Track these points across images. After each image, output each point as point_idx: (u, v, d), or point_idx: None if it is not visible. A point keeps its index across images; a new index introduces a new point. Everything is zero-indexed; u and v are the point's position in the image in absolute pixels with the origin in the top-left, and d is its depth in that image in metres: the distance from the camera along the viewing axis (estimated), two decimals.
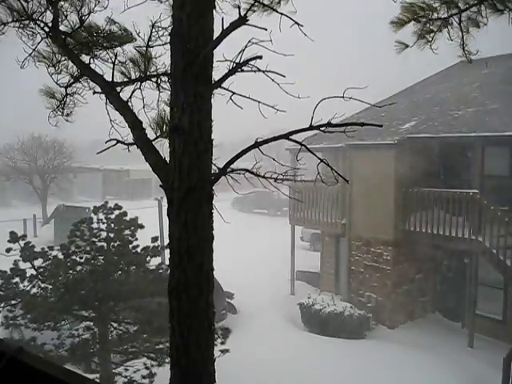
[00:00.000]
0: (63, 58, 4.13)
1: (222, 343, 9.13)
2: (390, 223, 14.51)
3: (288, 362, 11.64)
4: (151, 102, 4.08)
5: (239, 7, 2.65)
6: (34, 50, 3.99)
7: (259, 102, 3.14)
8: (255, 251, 22.62)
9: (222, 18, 2.81)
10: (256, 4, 2.70)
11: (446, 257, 15.18)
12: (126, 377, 8.93)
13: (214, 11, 3.00)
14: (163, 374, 7.07)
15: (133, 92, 4.00)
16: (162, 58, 3.85)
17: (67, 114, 4.39)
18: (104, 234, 9.62)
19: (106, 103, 3.89)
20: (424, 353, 12.24)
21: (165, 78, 4.04)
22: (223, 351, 8.43)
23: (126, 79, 4.05)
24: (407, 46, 4.26)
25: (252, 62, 3.01)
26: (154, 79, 4.11)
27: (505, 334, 12.55)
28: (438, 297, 15.42)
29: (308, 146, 3.56)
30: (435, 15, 4.10)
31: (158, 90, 4.04)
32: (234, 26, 2.79)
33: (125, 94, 4.00)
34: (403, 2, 4.02)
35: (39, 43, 3.99)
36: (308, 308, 14.63)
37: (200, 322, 3.44)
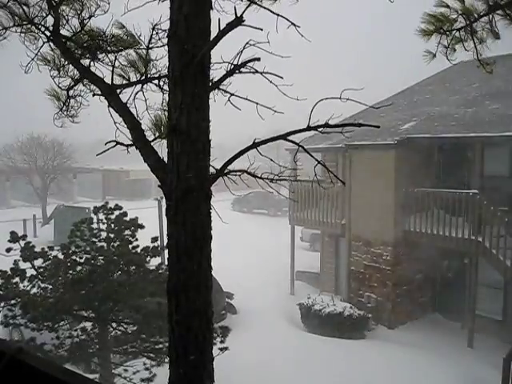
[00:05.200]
0: (66, 62, 4.15)
1: (222, 342, 9.13)
2: (389, 223, 14.52)
3: (288, 362, 11.65)
4: (154, 103, 4.09)
5: (235, 8, 2.67)
6: (36, 54, 4.00)
7: (257, 104, 3.15)
8: (255, 251, 22.63)
9: (219, 19, 2.83)
10: (253, 5, 2.71)
11: (446, 257, 15.18)
12: (125, 378, 8.93)
13: (211, 12, 3.02)
14: (163, 373, 7.08)
15: (136, 94, 4.02)
16: (164, 59, 3.87)
17: (72, 116, 4.41)
18: (104, 234, 9.63)
19: (109, 105, 3.91)
20: (424, 353, 12.25)
21: (167, 80, 4.04)
22: (222, 349, 8.44)
23: (126, 82, 4.07)
24: (434, 56, 4.31)
25: (250, 64, 3.02)
26: (155, 81, 4.13)
27: (505, 334, 12.56)
28: (438, 297, 15.43)
29: (308, 147, 3.59)
30: (455, 25, 4.14)
31: (162, 91, 4.05)
32: (231, 26, 2.80)
33: (127, 95, 4.02)
34: (424, 13, 4.08)
35: (41, 47, 4.01)
36: (308, 308, 14.64)
37: (199, 322, 3.45)
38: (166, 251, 3.51)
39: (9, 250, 8.79)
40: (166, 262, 3.52)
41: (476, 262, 12.94)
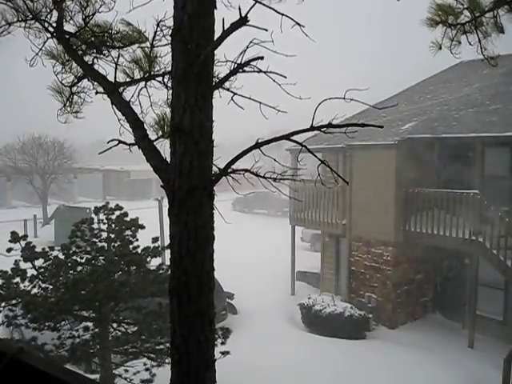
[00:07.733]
0: (69, 58, 4.13)
1: (223, 343, 9.11)
2: (390, 223, 14.51)
3: (288, 362, 11.64)
4: (158, 99, 4.07)
5: (240, 8, 2.65)
6: (40, 49, 3.99)
7: (260, 103, 3.13)
8: (255, 252, 22.62)
9: (223, 19, 2.82)
10: (257, 4, 2.70)
11: (447, 257, 15.17)
12: (126, 378, 8.92)
13: (215, 11, 3.00)
14: (163, 374, 7.07)
15: (140, 91, 4.00)
16: (169, 56, 3.85)
17: (75, 112, 4.40)
18: (105, 235, 9.62)
19: (112, 103, 3.89)
20: (424, 353, 12.24)
21: (170, 77, 4.01)
22: (224, 353, 8.40)
23: (129, 79, 4.05)
24: (440, 48, 4.28)
25: (254, 63, 3.01)
26: (159, 78, 4.11)
27: (505, 334, 12.56)
28: (439, 297, 15.42)
29: (308, 147, 3.55)
30: (460, 19, 4.13)
31: (166, 88, 4.03)
32: (235, 26, 2.78)
33: (130, 92, 4.00)
34: (432, 2, 4.06)
35: (44, 43, 4.00)
36: (308, 308, 14.63)
37: (201, 322, 3.44)
38: (167, 251, 3.48)
39: (9, 250, 8.78)
40: (167, 263, 3.50)
41: (476, 262, 12.93)
